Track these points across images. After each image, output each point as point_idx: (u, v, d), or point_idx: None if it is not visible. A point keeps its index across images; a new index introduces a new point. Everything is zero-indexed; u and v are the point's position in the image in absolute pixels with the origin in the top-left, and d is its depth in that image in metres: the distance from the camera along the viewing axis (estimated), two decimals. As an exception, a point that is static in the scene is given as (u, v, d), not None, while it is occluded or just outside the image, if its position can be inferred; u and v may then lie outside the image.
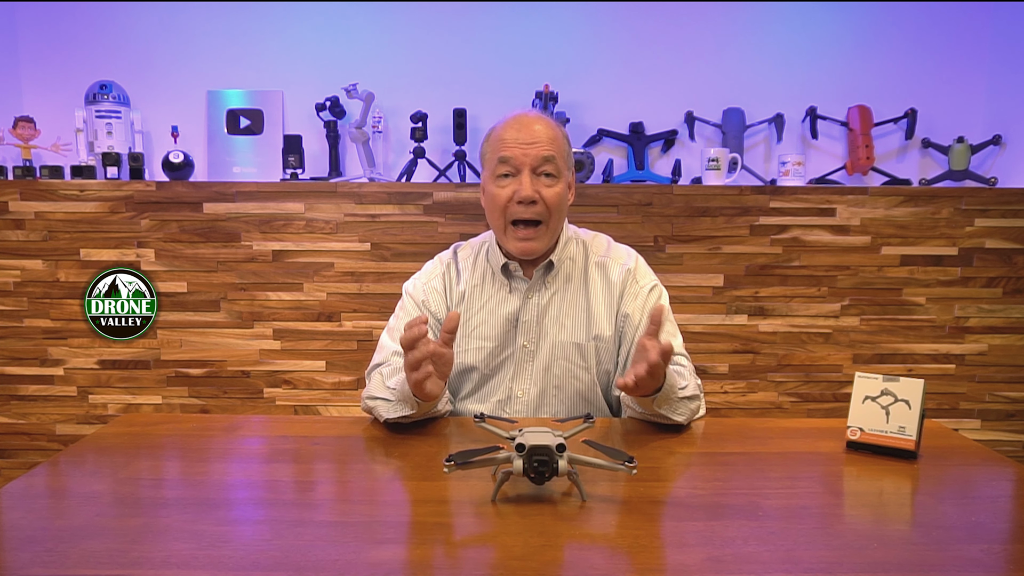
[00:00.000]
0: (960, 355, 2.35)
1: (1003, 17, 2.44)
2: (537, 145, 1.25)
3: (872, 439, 1.05)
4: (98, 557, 0.73)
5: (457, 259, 1.41)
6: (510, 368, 1.34)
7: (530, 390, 1.34)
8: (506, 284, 1.35)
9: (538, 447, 0.84)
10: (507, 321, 1.34)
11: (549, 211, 1.27)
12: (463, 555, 0.74)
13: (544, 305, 1.34)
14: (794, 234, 2.30)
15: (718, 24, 2.48)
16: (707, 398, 2.33)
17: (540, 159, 1.25)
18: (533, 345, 1.34)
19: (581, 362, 1.33)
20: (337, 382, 2.34)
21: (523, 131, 1.26)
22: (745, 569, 0.71)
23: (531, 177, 1.25)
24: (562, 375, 1.33)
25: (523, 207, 1.26)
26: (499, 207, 1.28)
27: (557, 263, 1.34)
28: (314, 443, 1.11)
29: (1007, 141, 2.44)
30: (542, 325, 1.34)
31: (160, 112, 2.48)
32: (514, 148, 1.26)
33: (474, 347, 1.34)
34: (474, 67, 2.50)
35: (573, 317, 1.34)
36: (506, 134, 1.27)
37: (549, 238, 1.30)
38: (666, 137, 2.49)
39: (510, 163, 1.26)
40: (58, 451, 1.65)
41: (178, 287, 2.31)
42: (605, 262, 1.38)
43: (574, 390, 1.34)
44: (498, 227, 1.31)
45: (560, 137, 1.30)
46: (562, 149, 1.29)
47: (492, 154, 1.29)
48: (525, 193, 1.24)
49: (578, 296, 1.36)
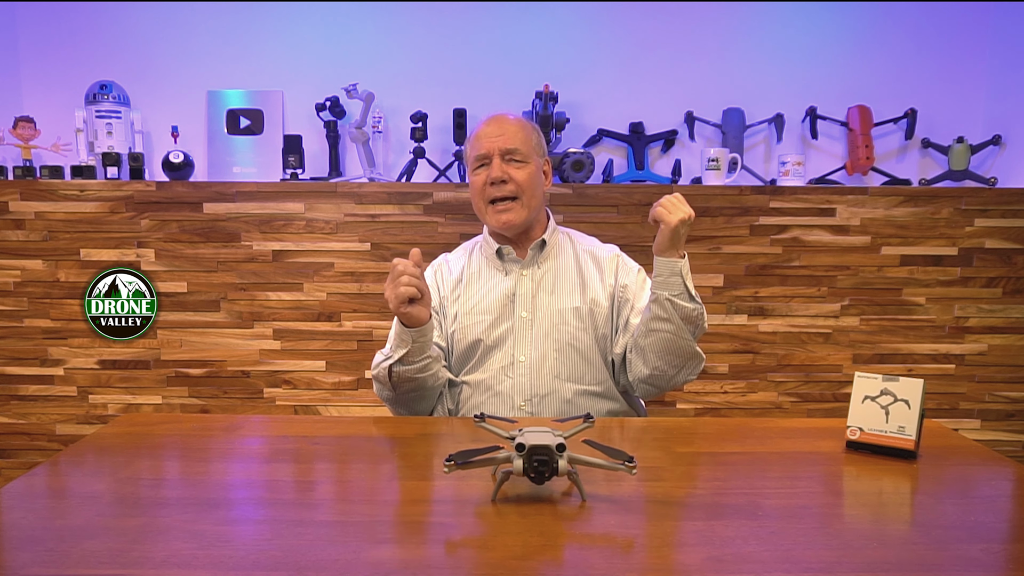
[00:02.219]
0: (960, 355, 2.35)
1: (1003, 17, 2.44)
2: (504, 136, 1.44)
3: (872, 439, 1.05)
4: (98, 557, 0.73)
5: (447, 260, 1.58)
6: (511, 338, 1.45)
7: (531, 354, 1.43)
8: (502, 267, 1.50)
9: (538, 447, 0.85)
10: (504, 296, 1.46)
11: (520, 188, 1.43)
12: (463, 555, 0.74)
13: (538, 280, 1.48)
14: (794, 234, 2.30)
15: (718, 24, 2.48)
16: (707, 398, 2.35)
17: (506, 148, 1.43)
18: (531, 315, 1.45)
19: (580, 324, 1.44)
20: (337, 382, 2.34)
21: (492, 127, 1.46)
22: (745, 569, 0.71)
23: (500, 161, 1.43)
24: (562, 338, 1.44)
25: (496, 187, 1.43)
26: (477, 191, 1.46)
27: (549, 242, 1.50)
28: (314, 443, 1.12)
29: (1007, 141, 2.44)
30: (538, 297, 1.46)
31: (160, 112, 2.48)
32: (484, 141, 1.45)
33: (475, 321, 1.46)
34: (474, 67, 2.50)
35: (568, 286, 1.48)
36: (480, 131, 1.47)
37: (526, 212, 1.45)
38: (666, 137, 2.49)
39: (483, 154, 1.45)
40: (58, 451, 1.65)
41: (178, 287, 2.31)
42: (593, 250, 1.53)
43: (574, 351, 1.44)
44: (480, 210, 1.48)
45: (528, 129, 1.48)
46: (528, 139, 1.46)
47: (470, 152, 1.49)
48: (495, 174, 1.42)
49: (571, 269, 1.50)
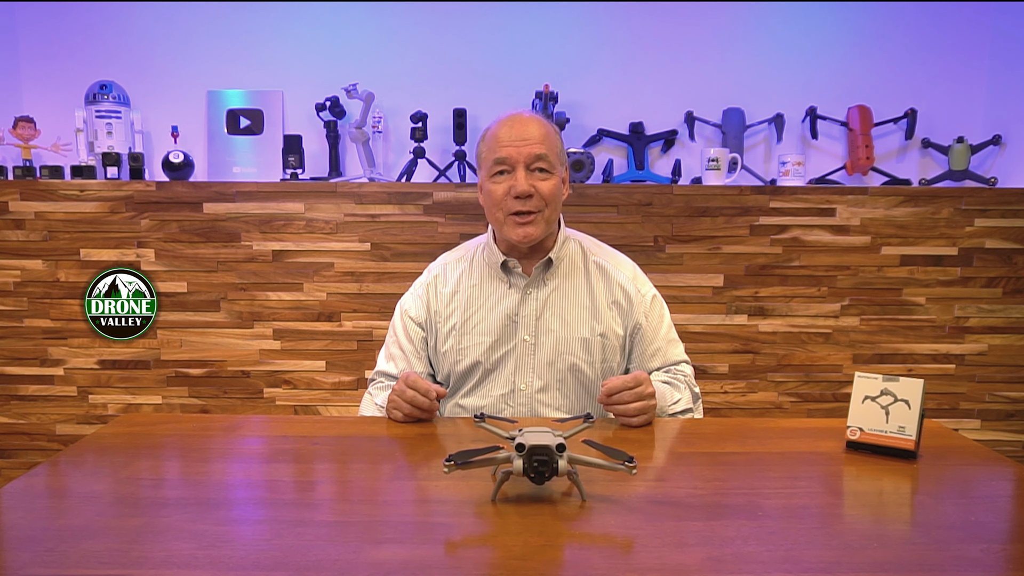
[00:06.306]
0: (960, 355, 2.35)
1: (1003, 17, 2.44)
2: (530, 143, 1.29)
3: (872, 439, 1.05)
4: (98, 557, 0.73)
5: (445, 266, 1.46)
6: (511, 362, 1.36)
7: (533, 383, 1.36)
8: (505, 281, 1.38)
9: (538, 447, 0.85)
10: (506, 316, 1.36)
11: (545, 202, 1.31)
12: (463, 555, 0.74)
13: (544, 300, 1.37)
14: (794, 234, 2.30)
15: (718, 24, 2.48)
16: (707, 398, 2.34)
17: (533, 156, 1.29)
18: (533, 339, 1.36)
19: (586, 357, 1.35)
20: (337, 382, 2.34)
21: (516, 130, 1.31)
22: (745, 569, 0.71)
23: (525, 172, 1.29)
24: (566, 369, 1.35)
25: (520, 201, 1.29)
26: (496, 202, 1.32)
27: (556, 260, 1.38)
28: (314, 443, 1.11)
29: (1007, 141, 2.44)
30: (543, 320, 1.36)
31: (160, 112, 2.48)
32: (508, 147, 1.30)
33: (474, 342, 1.37)
34: (474, 67, 2.50)
35: (577, 312, 1.37)
36: (500, 133, 1.32)
37: (546, 225, 1.33)
38: (666, 137, 2.49)
39: (506, 161, 1.30)
40: (58, 451, 1.65)
41: (178, 287, 2.31)
42: (605, 266, 1.42)
43: (578, 384, 1.36)
44: (497, 220, 1.34)
45: (552, 135, 1.34)
46: (554, 146, 1.33)
47: (488, 153, 1.33)
48: (521, 188, 1.28)
49: (580, 292, 1.38)
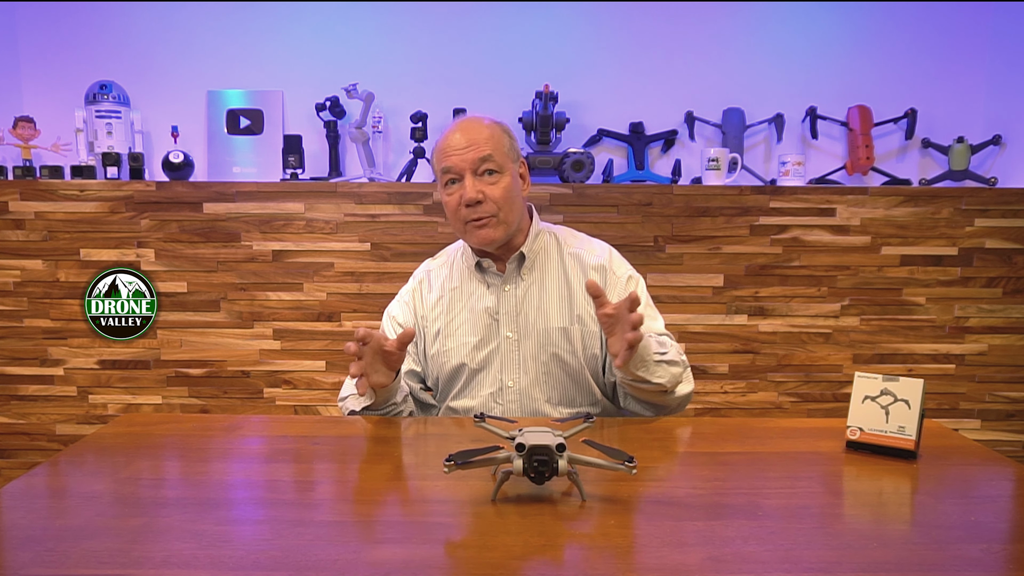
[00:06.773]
0: (960, 355, 2.35)
1: (1003, 17, 2.44)
2: (472, 148, 1.30)
3: (872, 439, 1.05)
4: (98, 557, 0.73)
5: (429, 272, 1.49)
6: (497, 360, 1.37)
7: (520, 379, 1.37)
8: (482, 281, 1.41)
9: (538, 447, 0.85)
10: (487, 315, 1.38)
11: (497, 205, 1.32)
12: (463, 555, 0.74)
13: (522, 296, 1.38)
14: (794, 234, 2.30)
15: (718, 24, 2.48)
16: (707, 398, 2.35)
17: (478, 160, 1.30)
18: (516, 335, 1.37)
19: (567, 346, 1.36)
20: (337, 382, 2.34)
21: (459, 137, 1.32)
22: (745, 569, 0.71)
23: (473, 179, 1.30)
24: (549, 361, 1.36)
25: (471, 209, 1.31)
26: (452, 212, 1.35)
27: (530, 255, 1.39)
28: (314, 443, 1.12)
29: (1007, 141, 2.44)
30: (523, 315, 1.37)
31: (160, 112, 2.48)
32: (453, 155, 1.31)
33: (458, 344, 1.39)
34: (474, 67, 2.50)
35: (555, 303, 1.38)
36: (446, 143, 1.33)
37: (505, 227, 1.34)
38: (666, 137, 2.49)
39: (451, 170, 1.32)
40: (58, 451, 1.65)
41: (178, 287, 2.31)
42: (580, 254, 1.42)
43: (564, 375, 1.37)
44: (458, 229, 1.37)
45: (498, 133, 1.34)
46: (501, 144, 1.33)
47: (437, 166, 1.36)
48: (468, 196, 1.30)
49: (557, 283, 1.39)
